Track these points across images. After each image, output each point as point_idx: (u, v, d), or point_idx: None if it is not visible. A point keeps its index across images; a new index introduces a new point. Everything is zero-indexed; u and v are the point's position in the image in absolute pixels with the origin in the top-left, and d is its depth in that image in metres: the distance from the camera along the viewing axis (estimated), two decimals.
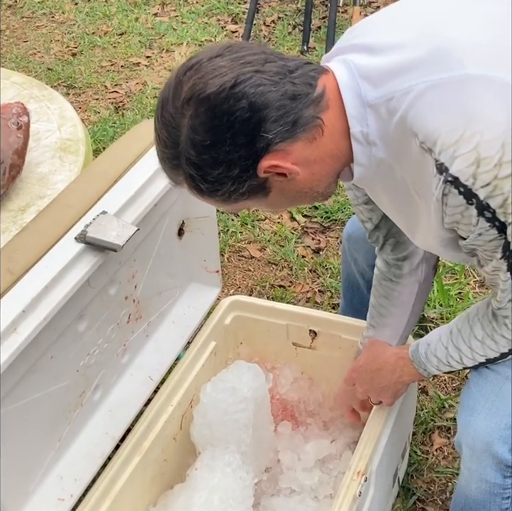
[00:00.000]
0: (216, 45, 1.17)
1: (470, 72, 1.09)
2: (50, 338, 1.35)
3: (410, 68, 1.12)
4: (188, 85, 1.11)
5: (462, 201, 1.10)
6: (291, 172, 1.15)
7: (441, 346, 1.36)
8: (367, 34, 1.22)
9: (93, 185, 1.47)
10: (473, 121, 1.07)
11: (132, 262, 1.57)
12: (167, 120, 1.14)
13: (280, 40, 4.02)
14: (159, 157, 1.20)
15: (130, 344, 1.65)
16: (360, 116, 1.15)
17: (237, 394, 1.72)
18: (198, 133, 1.11)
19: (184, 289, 1.83)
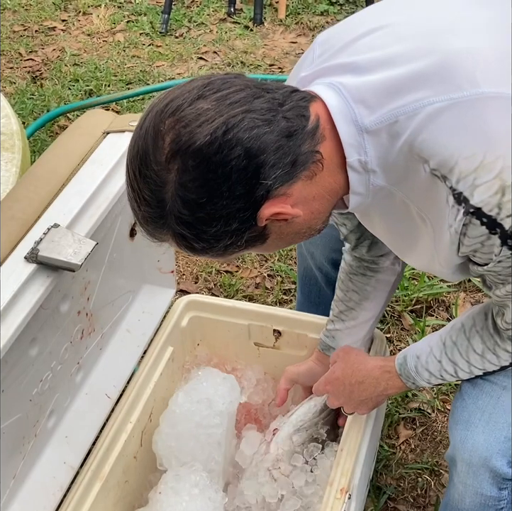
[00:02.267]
0: (190, 83, 1.03)
1: (484, 91, 0.99)
2: (2, 373, 1.18)
3: (411, 86, 1.01)
4: (171, 136, 0.99)
5: (484, 231, 1.01)
6: (294, 216, 1.06)
7: (433, 359, 1.27)
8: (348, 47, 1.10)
9: (37, 192, 1.30)
10: (493, 145, 0.98)
11: (85, 273, 1.41)
12: (149, 177, 1.02)
13: (205, 1, 3.83)
14: (140, 217, 1.07)
15: (84, 361, 1.50)
16: (357, 143, 1.05)
17: (214, 408, 1.60)
18: (189, 190, 1.00)
19: (137, 293, 1.68)
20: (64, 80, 3.32)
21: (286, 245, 1.17)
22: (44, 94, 3.22)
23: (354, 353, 1.45)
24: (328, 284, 1.73)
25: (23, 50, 3.54)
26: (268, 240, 1.10)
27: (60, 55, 3.51)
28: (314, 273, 1.76)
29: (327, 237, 1.58)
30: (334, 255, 1.65)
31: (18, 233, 1.23)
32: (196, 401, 1.57)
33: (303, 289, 1.86)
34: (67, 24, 3.75)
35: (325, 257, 1.69)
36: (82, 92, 3.24)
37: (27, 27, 3.71)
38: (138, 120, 1.06)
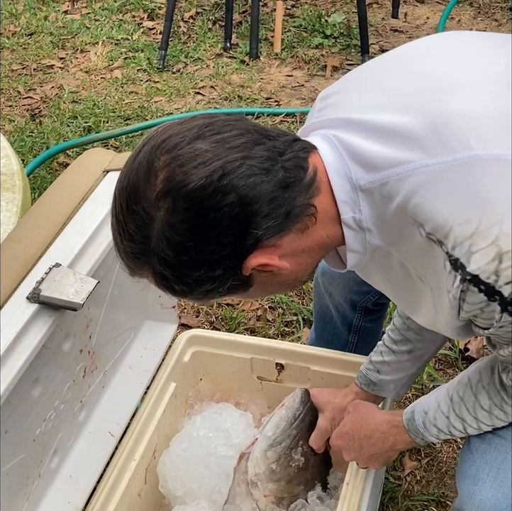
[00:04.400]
0: (190, 121, 1.01)
1: (477, 153, 0.96)
2: (5, 413, 1.18)
3: (403, 147, 1.00)
4: (165, 174, 0.97)
5: (483, 298, 0.98)
6: (280, 269, 1.04)
7: (441, 415, 1.23)
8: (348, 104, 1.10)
9: (39, 232, 1.31)
10: (489, 211, 0.95)
11: (86, 311, 1.42)
12: (136, 213, 0.99)
13: (201, 37, 3.87)
14: (121, 250, 1.05)
15: (86, 399, 1.50)
16: (351, 201, 1.03)
17: (230, 439, 1.60)
18: (176, 231, 0.98)
19: (139, 330, 1.69)
20: (62, 117, 3.34)
21: (268, 294, 1.16)
22: (43, 132, 3.23)
23: (363, 406, 1.42)
24: (343, 324, 1.71)
25: (22, 88, 3.56)
26: (251, 288, 1.08)
27: (59, 93, 3.54)
28: (330, 311, 1.73)
29: (347, 278, 1.57)
30: (353, 297, 1.63)
31: (20, 273, 1.24)
32: (215, 429, 1.57)
33: (318, 325, 1.83)
34: (65, 62, 3.78)
35: (344, 298, 1.66)
36: (81, 129, 3.26)
37: (25, 65, 3.75)
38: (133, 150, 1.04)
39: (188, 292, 1.04)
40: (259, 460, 1.48)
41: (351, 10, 3.91)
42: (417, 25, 3.94)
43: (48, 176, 2.94)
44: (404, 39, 3.82)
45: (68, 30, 4.00)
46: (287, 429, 1.48)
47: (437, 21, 3.92)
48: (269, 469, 1.48)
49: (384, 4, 4.12)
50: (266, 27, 3.87)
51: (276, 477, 1.48)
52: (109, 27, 4.00)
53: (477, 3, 4.12)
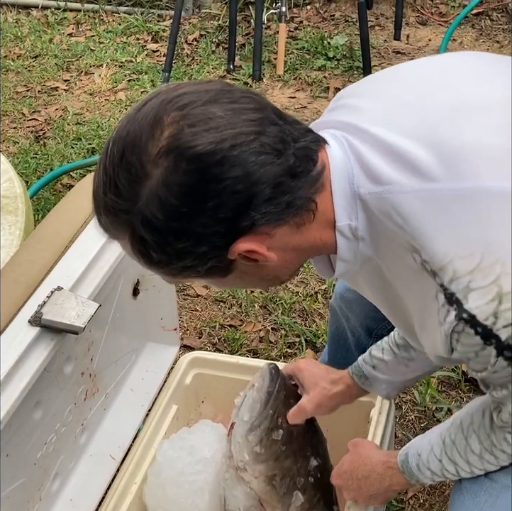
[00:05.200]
0: (209, 83, 0.95)
1: (487, 185, 0.93)
2: (6, 436, 1.19)
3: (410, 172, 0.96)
4: (172, 131, 0.90)
5: (479, 341, 0.94)
6: (267, 260, 0.99)
7: (434, 458, 1.21)
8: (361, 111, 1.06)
9: (41, 255, 1.31)
10: (493, 247, 0.91)
11: (88, 334, 1.42)
12: (130, 165, 0.91)
13: (204, 59, 3.90)
14: (101, 204, 0.96)
15: (88, 422, 1.50)
16: (350, 207, 0.99)
17: (196, 454, 1.59)
18: (172, 193, 0.90)
19: (141, 352, 1.69)
20: (66, 139, 3.36)
21: (244, 286, 1.10)
22: (47, 153, 3.25)
23: (362, 446, 1.40)
24: (357, 348, 1.67)
25: (26, 110, 3.59)
26: (229, 275, 1.02)
27: (63, 115, 3.56)
28: (346, 334, 1.70)
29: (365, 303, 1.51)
30: (369, 323, 1.60)
31: (22, 296, 1.24)
32: (179, 448, 1.55)
33: (331, 347, 1.81)
34: (69, 84, 3.81)
35: (360, 323, 1.63)
36: (85, 151, 3.28)
37: (30, 87, 3.78)
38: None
39: (165, 264, 0.97)
40: (241, 445, 1.44)
41: (353, 32, 3.94)
42: (419, 47, 3.97)
43: (52, 197, 2.95)
44: (406, 60, 3.83)
45: (73, 52, 4.03)
46: (263, 411, 1.43)
47: (439, 43, 3.95)
48: (254, 452, 1.43)
49: (386, 26, 4.15)
50: (270, 49, 3.90)
51: (262, 458, 1.44)
52: (113, 49, 4.03)
53: (479, 25, 4.15)
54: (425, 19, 4.21)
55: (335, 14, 4.23)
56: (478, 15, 4.19)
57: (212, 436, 1.64)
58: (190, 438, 1.64)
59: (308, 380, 1.46)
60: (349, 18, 4.14)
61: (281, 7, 3.68)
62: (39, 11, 4.39)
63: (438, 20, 4.19)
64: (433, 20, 4.19)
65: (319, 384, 1.45)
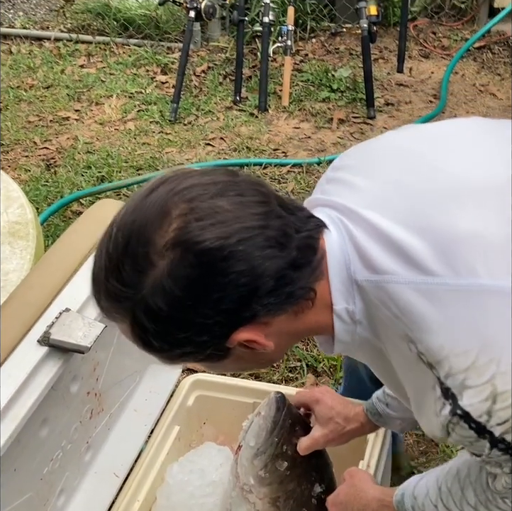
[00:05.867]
0: (215, 173, 0.96)
1: (483, 283, 0.92)
2: (14, 452, 1.24)
3: (406, 263, 0.96)
4: (180, 223, 0.91)
5: (473, 434, 0.96)
6: (265, 348, 1.00)
7: (429, 503, 1.21)
8: (355, 190, 1.06)
9: (50, 278, 1.38)
10: (488, 346, 0.91)
11: (94, 354, 1.48)
12: (136, 256, 0.92)
13: (212, 90, 3.99)
14: (102, 289, 0.97)
15: (93, 441, 1.55)
16: (347, 292, 1.00)
17: (206, 477, 1.64)
18: (177, 285, 0.91)
19: (144, 374, 1.74)
20: (77, 167, 3.44)
21: (238, 369, 1.14)
22: (58, 181, 3.34)
23: (358, 478, 1.40)
24: (371, 379, 1.64)
25: (38, 139, 3.68)
26: (225, 360, 1.03)
27: (74, 143, 3.65)
28: (358, 367, 1.71)
29: None
30: None
31: (32, 317, 1.30)
32: (189, 471, 1.60)
33: (346, 378, 1.83)
34: (80, 114, 3.91)
35: None
36: (94, 178, 3.36)
37: (42, 117, 3.87)
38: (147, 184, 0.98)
39: (165, 351, 0.99)
40: (247, 469, 1.48)
41: (357, 65, 4.03)
42: (422, 80, 4.06)
43: (62, 224, 3.03)
44: (409, 93, 3.94)
45: (84, 83, 4.14)
46: (268, 438, 1.47)
47: (441, 76, 4.03)
48: (259, 476, 1.47)
49: (389, 59, 4.25)
50: (275, 81, 3.99)
51: (267, 482, 1.48)
52: (123, 81, 4.14)
53: (481, 58, 4.24)
54: (428, 52, 4.30)
55: (340, 47, 4.34)
56: (480, 48, 4.28)
57: (219, 459, 1.70)
58: (198, 461, 1.69)
59: (323, 414, 1.49)
60: (354, 51, 4.24)
61: (287, 41, 3.78)
62: (51, 43, 4.51)
63: (441, 53, 4.28)
64: (436, 54, 4.28)
65: (334, 419, 1.48)
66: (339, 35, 4.41)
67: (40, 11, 4.94)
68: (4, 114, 3.88)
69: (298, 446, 1.48)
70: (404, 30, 4.04)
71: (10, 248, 1.57)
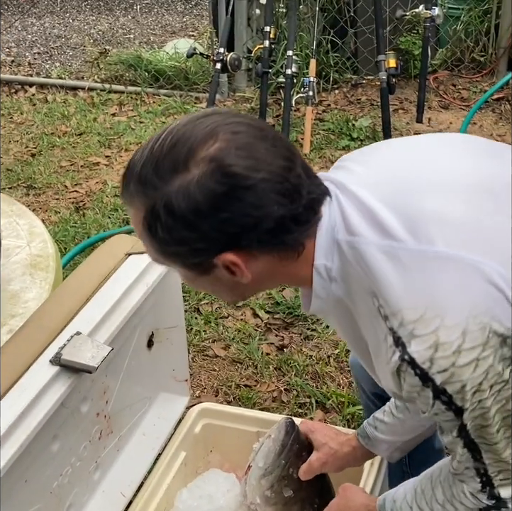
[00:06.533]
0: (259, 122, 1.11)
1: (438, 250, 1.07)
2: (26, 463, 1.34)
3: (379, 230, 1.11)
4: (221, 145, 1.04)
5: (418, 382, 1.07)
6: (243, 278, 1.12)
7: (406, 505, 1.30)
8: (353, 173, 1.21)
9: (65, 305, 1.49)
10: (435, 304, 1.05)
11: (104, 378, 1.58)
12: (177, 156, 1.05)
13: None
14: (137, 173, 1.08)
15: (101, 460, 1.64)
16: (329, 250, 1.14)
17: (214, 503, 1.72)
18: (201, 193, 1.04)
19: (154, 400, 1.84)
20: (104, 210, 3.60)
21: (211, 291, 1.25)
22: (85, 223, 3.49)
23: (350, 490, 1.50)
24: None
25: (69, 183, 3.85)
26: (205, 276, 1.14)
27: (102, 187, 3.82)
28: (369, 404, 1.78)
29: None
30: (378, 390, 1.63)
31: (46, 340, 1.42)
32: (198, 497, 1.69)
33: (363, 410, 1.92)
34: (110, 159, 4.08)
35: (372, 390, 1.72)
36: (120, 220, 3.51)
37: (73, 162, 4.05)
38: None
39: (163, 243, 1.09)
40: (255, 488, 1.58)
41: (377, 115, 4.16)
42: (440, 129, 4.17)
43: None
44: None
45: (115, 130, 4.33)
46: (276, 460, 1.57)
47: (459, 126, 4.14)
48: (265, 496, 1.57)
49: (409, 110, 4.38)
50: (297, 130, 4.14)
51: (272, 502, 1.57)
52: (153, 128, 4.32)
53: (499, 110, 4.35)
54: (448, 103, 4.43)
55: (361, 98, 4.49)
56: (498, 100, 4.40)
57: (226, 485, 1.78)
58: (206, 487, 1.78)
59: (318, 440, 1.61)
60: (374, 101, 4.38)
61: (309, 91, 3.93)
62: (85, 92, 4.73)
63: (460, 104, 4.40)
64: (455, 105, 4.41)
65: (328, 444, 1.60)
66: (360, 86, 4.57)
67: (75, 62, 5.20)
68: (38, 159, 4.07)
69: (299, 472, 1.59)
70: (424, 82, 4.18)
71: (31, 278, 1.70)
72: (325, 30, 4.66)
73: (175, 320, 1.78)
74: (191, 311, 2.89)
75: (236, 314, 2.90)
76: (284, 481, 1.58)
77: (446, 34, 4.77)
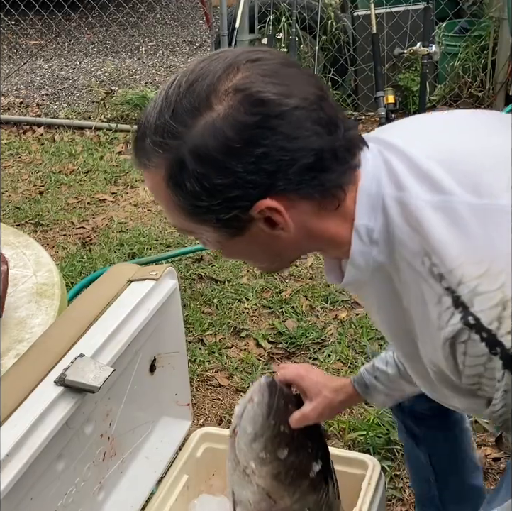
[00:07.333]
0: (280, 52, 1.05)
1: (501, 203, 0.99)
2: (31, 480, 1.39)
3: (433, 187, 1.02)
4: (245, 74, 0.95)
5: (485, 350, 0.96)
6: (285, 226, 1.01)
7: None
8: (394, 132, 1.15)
9: (69, 329, 1.55)
10: (501, 258, 0.96)
11: (107, 400, 1.63)
12: (197, 94, 0.95)
13: None
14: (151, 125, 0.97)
15: (105, 481, 1.69)
16: (371, 208, 1.04)
17: None
18: (230, 127, 0.93)
19: (156, 424, 1.89)
20: (110, 245, 3.67)
21: (246, 256, 1.12)
22: (92, 257, 3.56)
23: None
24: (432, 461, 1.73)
25: (76, 220, 3.94)
26: (240, 237, 1.03)
27: (108, 223, 3.90)
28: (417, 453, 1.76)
29: None
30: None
31: (51, 363, 1.48)
32: None
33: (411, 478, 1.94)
34: (116, 196, 4.17)
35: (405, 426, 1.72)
36: (126, 255, 3.58)
37: (80, 199, 4.14)
38: None
39: (193, 198, 0.98)
40: (246, 453, 1.51)
41: None
42: None
43: None
44: None
45: (121, 168, 4.43)
46: (265, 423, 1.50)
47: None
48: (259, 458, 1.52)
49: None
50: None
51: (268, 461, 1.52)
52: None
53: None
54: None
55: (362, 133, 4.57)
56: None
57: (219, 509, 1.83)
58: None
59: (311, 389, 1.52)
60: None
61: None
62: (92, 132, 4.85)
63: None
64: None
65: (322, 393, 1.51)
66: (361, 122, 4.66)
67: (82, 103, 5.33)
68: (45, 197, 4.17)
69: (290, 419, 1.51)
70: None
71: (37, 305, 1.77)
72: (326, 69, 4.78)
73: (176, 345, 1.83)
74: (195, 342, 2.95)
75: (239, 344, 2.96)
76: (276, 439, 1.52)
77: (444, 70, 4.87)
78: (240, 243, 1.05)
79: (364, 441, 2.42)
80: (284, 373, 1.55)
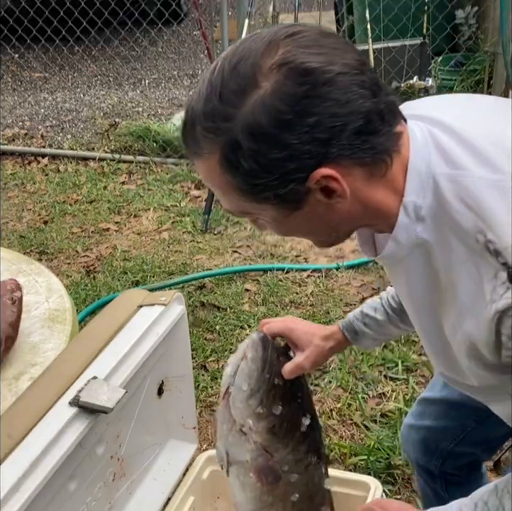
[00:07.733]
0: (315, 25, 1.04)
1: None
2: (45, 500, 1.44)
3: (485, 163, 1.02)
4: (287, 49, 0.97)
5: None
6: (342, 193, 1.02)
7: None
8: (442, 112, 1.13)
9: (82, 353, 1.61)
10: None
11: (118, 421, 1.69)
12: (243, 74, 0.97)
13: None
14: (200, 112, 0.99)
15: (115, 502, 1.74)
16: (420, 184, 1.04)
17: None
18: (281, 100, 0.95)
19: (164, 446, 1.94)
20: (114, 273, 3.74)
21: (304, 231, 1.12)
22: (96, 285, 3.62)
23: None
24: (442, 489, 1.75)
25: (80, 248, 4.01)
26: (298, 211, 1.04)
27: (112, 252, 3.97)
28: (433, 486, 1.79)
29: None
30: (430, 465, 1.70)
31: (65, 385, 1.53)
32: None
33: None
34: (119, 225, 4.25)
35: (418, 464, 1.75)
36: (129, 283, 3.64)
37: (84, 228, 4.22)
38: None
39: (251, 177, 0.99)
40: (243, 410, 1.52)
41: None
42: None
43: None
44: None
45: (124, 198, 4.51)
46: (260, 377, 1.50)
47: None
48: (256, 414, 1.52)
49: None
50: None
51: (264, 415, 1.52)
52: (160, 195, 4.50)
53: None
54: None
55: None
56: None
57: None
58: None
59: (302, 339, 1.52)
60: None
61: None
62: (96, 162, 4.93)
63: None
64: None
65: (313, 342, 1.51)
66: None
67: (86, 134, 5.43)
68: (50, 226, 4.24)
69: (282, 370, 1.51)
70: None
71: (50, 331, 1.83)
72: None
73: (183, 369, 1.89)
74: (198, 369, 3.00)
75: None
76: (271, 393, 1.52)
77: None
78: (297, 218, 1.06)
79: (365, 465, 2.46)
80: (270, 327, 1.54)
